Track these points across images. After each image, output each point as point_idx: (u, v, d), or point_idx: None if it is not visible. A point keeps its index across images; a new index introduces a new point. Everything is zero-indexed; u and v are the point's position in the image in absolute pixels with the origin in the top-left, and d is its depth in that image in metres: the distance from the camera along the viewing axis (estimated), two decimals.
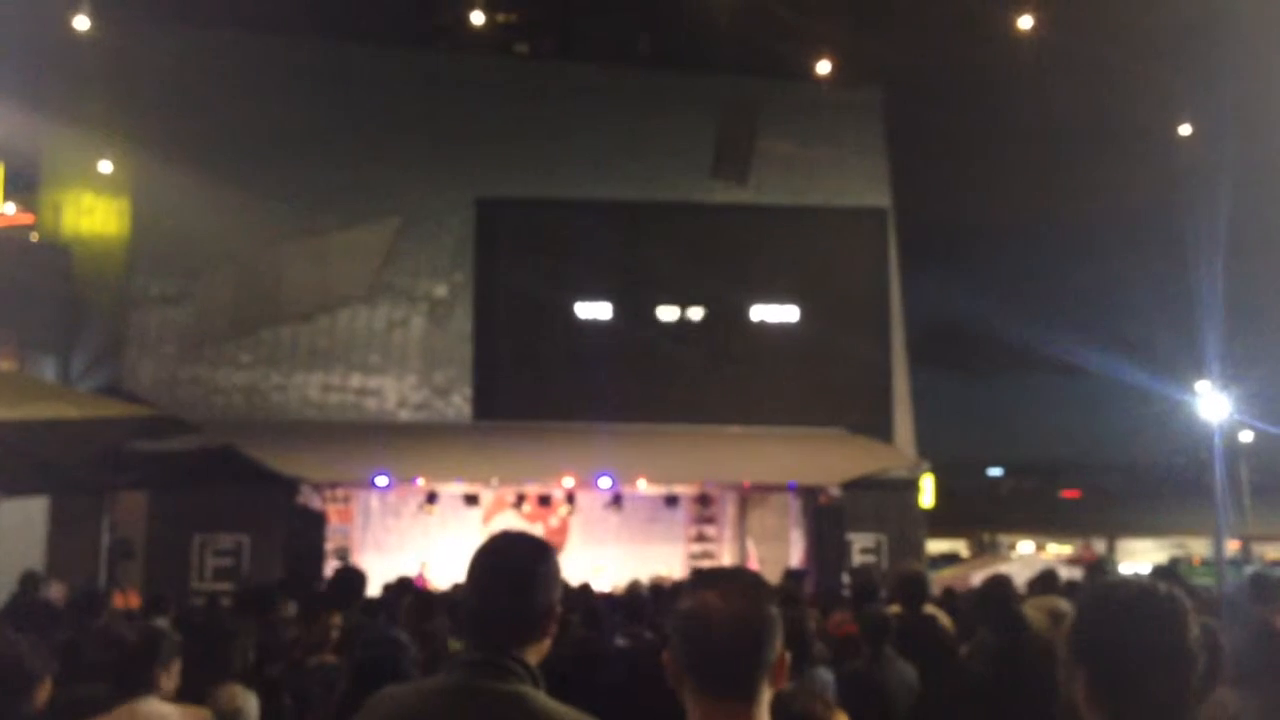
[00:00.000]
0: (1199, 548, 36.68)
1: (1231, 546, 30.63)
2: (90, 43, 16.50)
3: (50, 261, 18.43)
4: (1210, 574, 25.97)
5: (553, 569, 2.40)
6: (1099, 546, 39.92)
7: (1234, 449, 30.99)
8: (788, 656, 1.96)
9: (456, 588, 9.75)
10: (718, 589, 1.97)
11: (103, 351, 18.34)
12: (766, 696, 1.94)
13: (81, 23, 16.08)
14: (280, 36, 18.32)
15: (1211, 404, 24.17)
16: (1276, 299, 25.58)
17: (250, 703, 4.67)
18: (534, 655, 2.32)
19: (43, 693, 4.08)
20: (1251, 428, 30.34)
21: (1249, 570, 21.71)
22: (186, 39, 17.98)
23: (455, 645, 6.14)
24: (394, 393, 18.81)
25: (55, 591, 9.04)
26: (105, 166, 18.33)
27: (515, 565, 2.37)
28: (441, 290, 19.20)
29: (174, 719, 4.05)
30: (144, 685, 4.05)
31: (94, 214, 18.96)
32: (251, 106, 17.83)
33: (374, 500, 18.42)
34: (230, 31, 18.15)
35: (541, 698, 2.24)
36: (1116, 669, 1.99)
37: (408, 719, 2.23)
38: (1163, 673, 1.98)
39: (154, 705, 4.04)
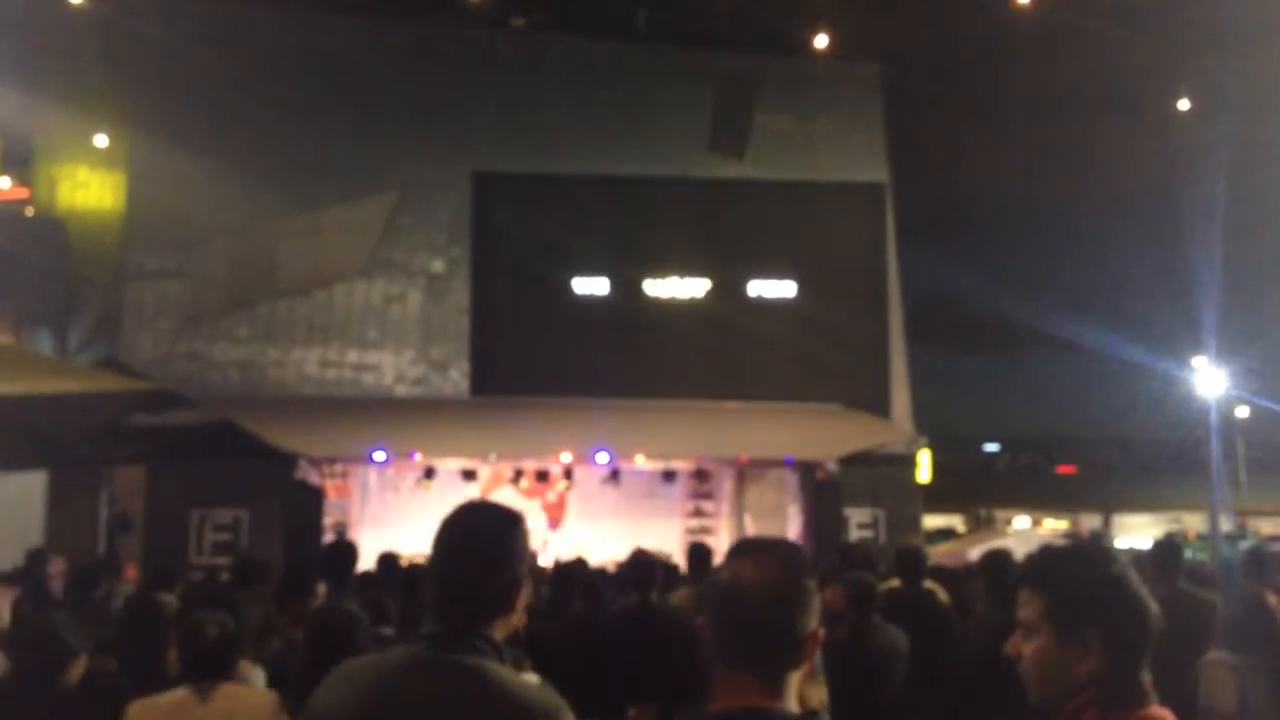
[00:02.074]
0: (1195, 523, 36.83)
1: (1236, 522, 30.75)
2: (85, 17, 16.43)
3: (45, 236, 18.38)
4: (1205, 549, 26.08)
5: (520, 541, 2.35)
6: (1094, 522, 40.07)
7: (1230, 424, 31.05)
8: (820, 632, 1.97)
9: None
10: (753, 559, 1.99)
11: (99, 326, 18.31)
12: (796, 672, 1.95)
13: None
14: (276, 11, 18.22)
15: (1208, 379, 24.22)
16: (1274, 274, 25.59)
17: (256, 676, 4.69)
18: (500, 629, 2.28)
19: (78, 668, 4.11)
20: (1248, 403, 30.39)
21: (1244, 545, 21.79)
22: (182, 13, 17.86)
23: None
24: (391, 368, 18.81)
25: (54, 567, 9.04)
26: (100, 141, 18.26)
27: (481, 537, 2.32)
28: (439, 265, 19.18)
29: (248, 700, 4.09)
30: (225, 673, 4.09)
31: (89, 188, 18.90)
32: (247, 81, 17.74)
33: (372, 475, 18.43)
34: (226, 6, 18.05)
35: (502, 671, 2.20)
36: (1125, 628, 2.07)
37: (365, 692, 2.19)
38: (1148, 625, 2.09)
39: (232, 686, 4.09)
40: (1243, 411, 33.29)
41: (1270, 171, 20.00)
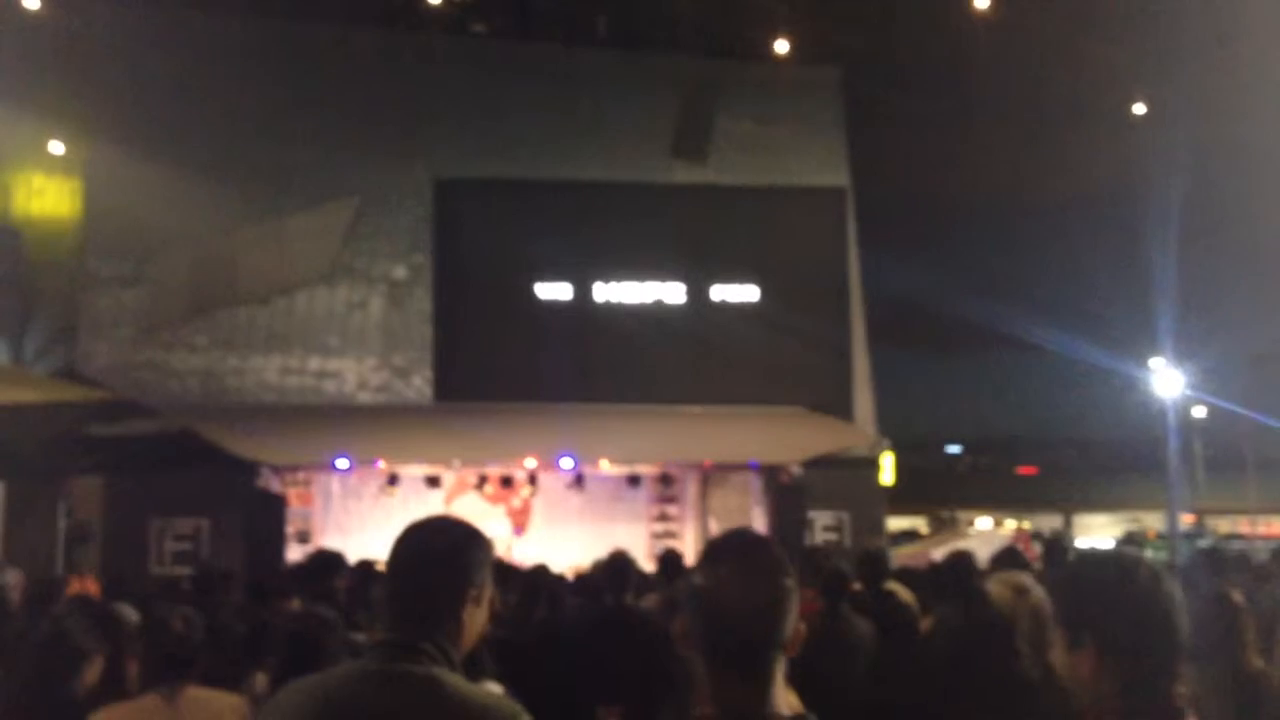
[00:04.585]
0: (1154, 522, 37.25)
1: (1186, 520, 31.13)
2: (40, 22, 16.25)
3: (1, 244, 18.15)
4: (1164, 548, 26.38)
5: (475, 555, 2.35)
6: (1055, 521, 40.44)
7: (1187, 425, 31.47)
8: (802, 628, 1.98)
9: None
10: (733, 564, 1.99)
11: (56, 335, 18.10)
12: (781, 668, 1.96)
13: (31, 2, 15.84)
14: (235, 16, 18.07)
15: (1165, 381, 24.53)
16: (1229, 276, 25.94)
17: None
18: (455, 639, 2.27)
19: (93, 671, 4.04)
20: (1204, 403, 30.81)
21: (1201, 543, 22.06)
22: (139, 18, 17.71)
23: None
24: (354, 375, 18.70)
25: (12, 578, 8.92)
26: (56, 147, 18.06)
27: (435, 549, 2.33)
28: (401, 272, 19.09)
29: (215, 703, 4.02)
30: (191, 674, 4.02)
31: (45, 195, 18.68)
32: (206, 87, 17.61)
33: (334, 483, 18.32)
34: (184, 11, 17.90)
35: (457, 680, 2.19)
36: (1124, 636, 2.08)
37: (316, 706, 2.16)
38: (1164, 634, 2.09)
39: (199, 690, 4.01)
40: (1199, 412, 33.74)
41: (1225, 176, 20.28)
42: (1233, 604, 4.12)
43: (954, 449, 52.07)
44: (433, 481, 17.40)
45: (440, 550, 2.33)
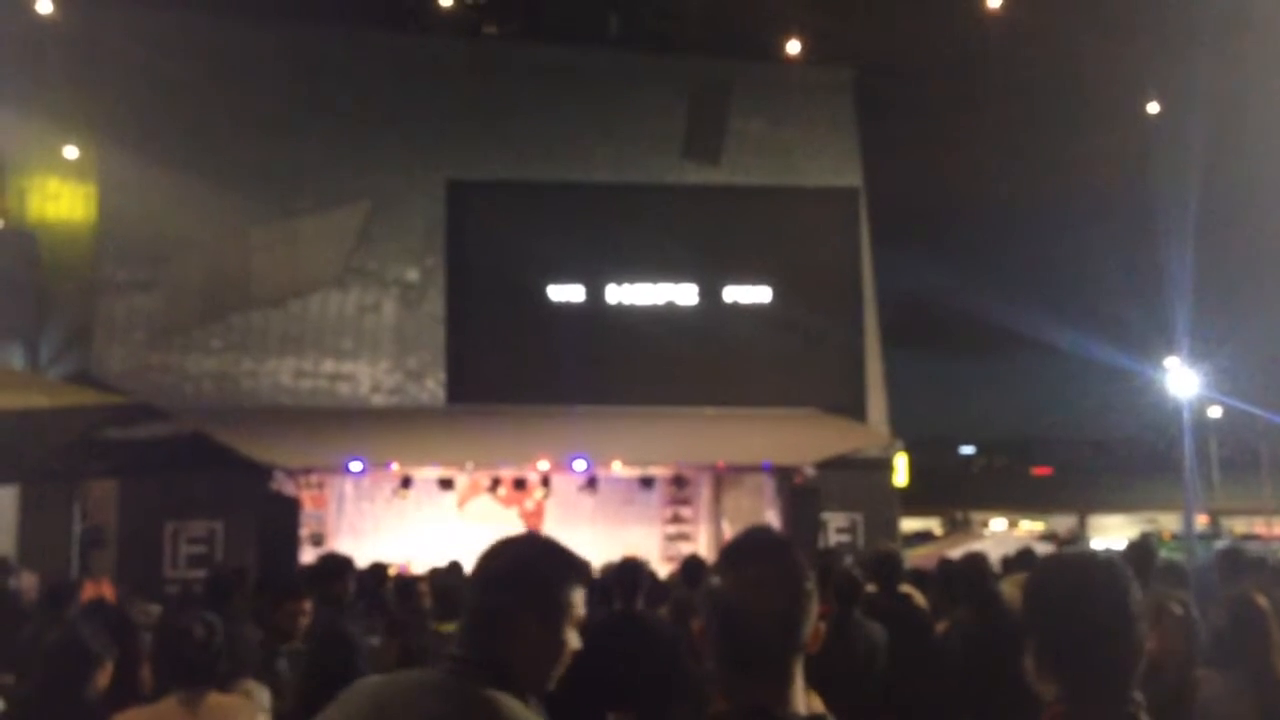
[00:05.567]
0: (1169, 522, 37.06)
1: (1200, 521, 30.98)
2: (54, 26, 16.32)
3: (16, 248, 18.21)
4: (1180, 549, 26.23)
5: (539, 574, 2.32)
6: (1070, 522, 40.28)
7: (1203, 425, 31.33)
8: (820, 627, 1.96)
9: (434, 572, 9.75)
10: (752, 568, 1.95)
11: (71, 339, 18.16)
12: (799, 668, 1.94)
13: (44, 6, 15.91)
14: (247, 20, 18.12)
15: (1181, 380, 24.41)
16: (1245, 275, 25.80)
17: (264, 696, 4.59)
18: (516, 658, 2.24)
19: (104, 676, 4.03)
20: (1220, 403, 30.64)
21: (1219, 545, 21.94)
22: (152, 22, 17.74)
23: (447, 627, 6.13)
24: (367, 377, 18.72)
25: (26, 581, 8.96)
26: (70, 152, 18.13)
27: (498, 567, 2.31)
28: (413, 274, 19.11)
29: (234, 708, 4.01)
30: (212, 680, 3.99)
31: (60, 200, 18.75)
32: (219, 90, 17.64)
33: (348, 485, 18.34)
34: (196, 16, 17.93)
35: (514, 705, 2.16)
36: (1061, 638, 2.05)
37: (368, 708, 2.17)
38: (1106, 640, 2.04)
39: (220, 697, 3.99)
40: (1215, 412, 33.57)
41: (1240, 172, 20.18)
42: (1258, 608, 4.00)
43: (968, 450, 51.92)
44: (446, 484, 17.41)
45: (504, 570, 2.30)
